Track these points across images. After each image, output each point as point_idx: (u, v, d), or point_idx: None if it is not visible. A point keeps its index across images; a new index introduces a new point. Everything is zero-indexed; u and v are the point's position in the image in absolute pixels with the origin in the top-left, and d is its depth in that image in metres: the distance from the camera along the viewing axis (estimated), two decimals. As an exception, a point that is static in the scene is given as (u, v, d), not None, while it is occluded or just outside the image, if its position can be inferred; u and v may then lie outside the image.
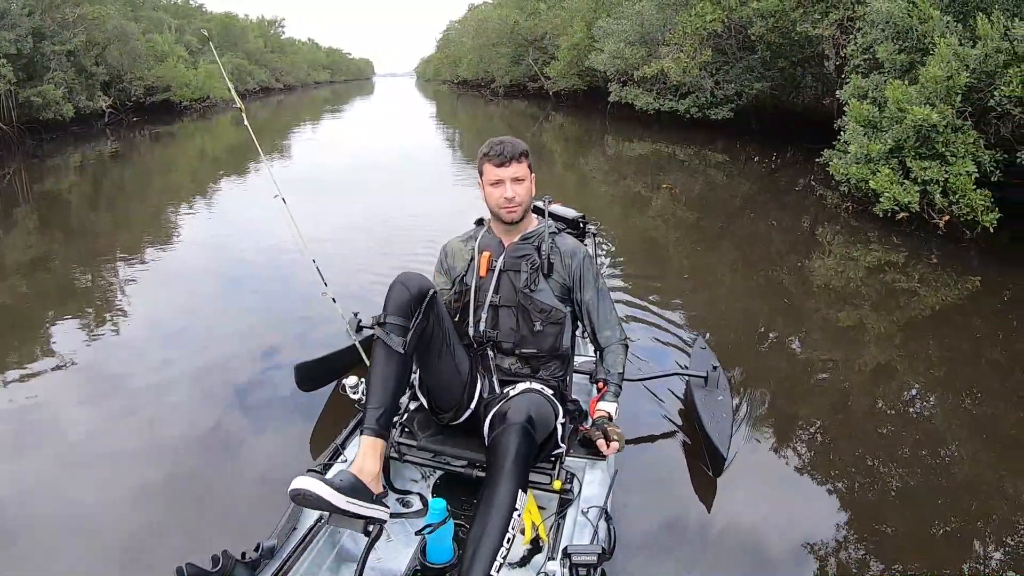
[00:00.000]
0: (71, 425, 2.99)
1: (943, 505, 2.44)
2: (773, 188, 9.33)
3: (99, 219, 7.90)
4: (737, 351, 3.76)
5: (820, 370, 3.68)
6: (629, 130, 15.76)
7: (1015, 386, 3.47)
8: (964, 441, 2.93)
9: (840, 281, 5.09)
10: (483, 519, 1.63)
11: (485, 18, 28.80)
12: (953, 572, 2.09)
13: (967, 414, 3.23)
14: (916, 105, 5.64)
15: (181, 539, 2.21)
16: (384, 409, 1.69)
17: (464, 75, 36.66)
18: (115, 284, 5.03)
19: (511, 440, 1.71)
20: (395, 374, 1.74)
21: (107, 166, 12.18)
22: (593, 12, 19.12)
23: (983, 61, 5.76)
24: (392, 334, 1.74)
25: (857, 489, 2.52)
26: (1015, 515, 2.39)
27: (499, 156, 1.96)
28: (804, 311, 4.62)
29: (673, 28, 13.28)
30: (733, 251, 6.18)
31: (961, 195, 5.35)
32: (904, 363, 3.81)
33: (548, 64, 23.01)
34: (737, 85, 13.03)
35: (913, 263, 5.39)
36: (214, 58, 26.15)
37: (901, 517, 2.36)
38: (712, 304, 4.73)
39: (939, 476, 2.66)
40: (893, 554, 2.16)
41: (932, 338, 4.17)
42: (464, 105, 31.42)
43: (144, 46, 19.36)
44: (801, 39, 10.87)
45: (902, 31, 6.82)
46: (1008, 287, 4.99)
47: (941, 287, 4.92)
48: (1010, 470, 2.70)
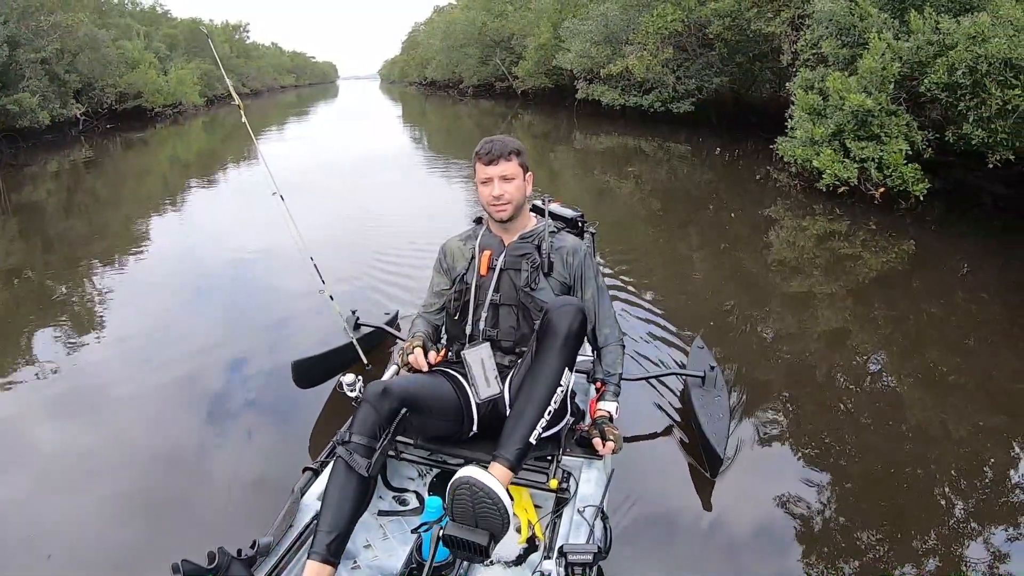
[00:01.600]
0: (72, 426, 3.05)
1: (944, 503, 2.45)
2: (733, 176, 9.97)
3: (88, 223, 7.87)
4: (721, 335, 3.96)
5: (795, 347, 3.82)
6: (596, 125, 16.39)
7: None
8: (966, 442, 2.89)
9: (793, 252, 5.75)
10: (528, 391, 1.73)
11: (453, 20, 29.28)
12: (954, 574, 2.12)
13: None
14: (854, 93, 6.39)
15: (181, 539, 2.22)
16: (337, 534, 1.60)
17: (433, 76, 37.00)
18: (113, 287, 5.05)
19: (566, 318, 1.76)
20: (353, 495, 1.65)
21: (81, 173, 12.19)
22: (558, 13, 19.80)
23: (915, 53, 6.49)
24: (355, 454, 1.66)
25: (857, 489, 2.52)
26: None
27: (488, 154, 1.97)
28: (764, 284, 5.14)
29: (636, 28, 13.99)
30: (697, 236, 6.69)
31: (894, 169, 6.14)
32: (880, 340, 3.97)
33: (516, 64, 23.64)
34: (697, 80, 13.72)
35: (854, 230, 6.12)
36: (183, 64, 26.24)
37: (901, 516, 2.37)
38: (686, 285, 5.11)
39: (939, 476, 2.63)
40: (893, 554, 2.18)
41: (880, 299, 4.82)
42: (433, 106, 31.42)
43: (115, 53, 19.40)
44: (756, 36, 11.57)
45: (844, 28, 7.54)
46: (941, 249, 5.73)
47: (879, 248, 5.63)
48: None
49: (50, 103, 15.83)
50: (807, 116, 7.09)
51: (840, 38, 7.59)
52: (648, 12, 13.45)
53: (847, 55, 7.40)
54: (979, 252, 5.69)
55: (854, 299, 4.64)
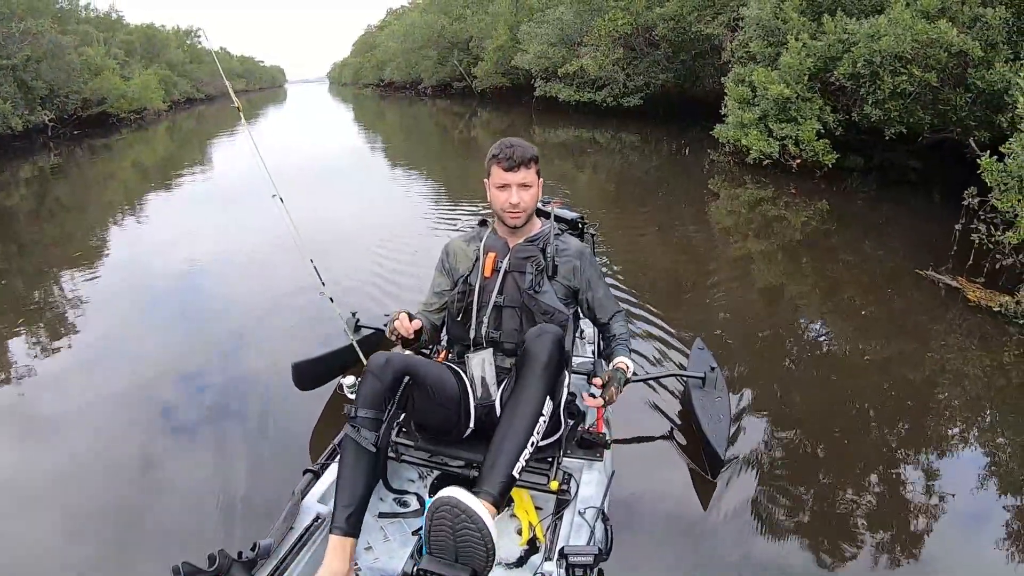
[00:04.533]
0: (68, 408, 3.20)
1: (941, 504, 2.46)
2: (679, 162, 11.05)
3: (89, 227, 7.69)
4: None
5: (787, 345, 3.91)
6: (553, 120, 17.36)
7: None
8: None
9: (731, 218, 7.01)
10: (509, 420, 1.71)
11: (413, 23, 30.10)
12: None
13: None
14: (775, 85, 7.76)
15: (181, 539, 2.24)
16: (354, 508, 1.65)
17: (392, 77, 37.35)
18: (111, 290, 5.08)
19: (544, 345, 1.76)
20: (365, 470, 1.69)
21: (49, 179, 11.90)
22: (514, 16, 21.06)
23: (827, 50, 7.82)
24: (363, 429, 1.70)
25: (857, 489, 2.52)
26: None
27: (508, 160, 1.94)
28: (706, 247, 6.23)
29: (590, 31, 15.30)
30: (648, 209, 7.64)
31: (807, 144, 7.60)
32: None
33: (474, 64, 24.72)
34: (645, 77, 15.01)
35: (778, 194, 7.54)
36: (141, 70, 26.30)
37: (901, 516, 2.38)
38: (638, 254, 5.68)
39: (941, 477, 2.62)
40: (892, 554, 2.20)
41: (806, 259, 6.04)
42: (391, 107, 31.51)
43: (78, 60, 19.59)
44: (697, 37, 12.89)
45: (770, 30, 8.87)
46: (850, 209, 7.11)
47: (800, 210, 6.96)
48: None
49: (19, 109, 16.04)
50: (738, 105, 8.53)
51: (766, 39, 8.90)
52: (600, 16, 14.79)
53: (772, 53, 8.71)
54: (893, 212, 6.90)
55: (785, 255, 5.68)
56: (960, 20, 6.72)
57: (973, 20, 6.71)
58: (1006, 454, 2.79)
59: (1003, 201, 4.20)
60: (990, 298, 4.10)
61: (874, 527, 2.31)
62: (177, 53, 34.85)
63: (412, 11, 34.53)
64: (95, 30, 24.51)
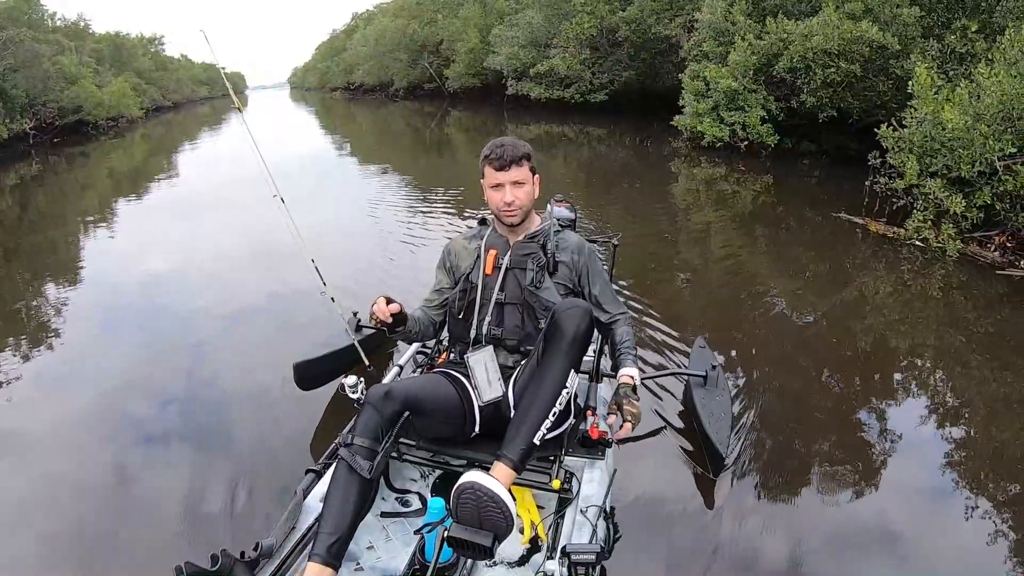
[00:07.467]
0: (69, 408, 3.23)
1: (941, 504, 2.47)
2: (642, 151, 12.03)
3: (91, 231, 7.66)
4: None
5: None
6: (524, 117, 18.25)
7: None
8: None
9: (690, 195, 8.10)
10: (534, 392, 1.73)
11: (384, 27, 30.65)
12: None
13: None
14: (725, 79, 9.02)
15: (182, 540, 2.24)
16: (339, 537, 1.59)
17: (362, 80, 37.42)
18: (111, 291, 5.17)
19: (574, 318, 1.74)
20: (356, 498, 1.64)
21: (29, 187, 11.90)
22: (484, 19, 22.18)
23: (769, 48, 8.99)
24: (358, 456, 1.66)
25: (857, 489, 2.52)
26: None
27: (499, 160, 1.93)
28: (667, 216, 7.26)
29: (559, 34, 16.44)
30: (614, 190, 8.58)
31: (753, 128, 8.94)
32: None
33: (446, 67, 25.61)
34: (610, 75, 16.15)
35: (730, 172, 8.76)
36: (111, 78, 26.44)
37: (900, 516, 2.38)
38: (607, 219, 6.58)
39: (940, 477, 2.62)
40: (892, 553, 2.20)
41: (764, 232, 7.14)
42: (361, 109, 31.30)
43: (54, 69, 19.80)
44: (657, 37, 14.04)
45: (721, 31, 10.01)
46: (791, 181, 8.34)
47: (749, 184, 8.14)
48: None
49: (2, 118, 16.39)
50: (694, 97, 9.82)
51: (717, 40, 10.07)
52: (568, 20, 15.97)
53: (722, 52, 9.87)
54: (833, 183, 7.99)
55: (739, 226, 6.86)
56: (882, 18, 7.96)
57: (893, 18, 7.95)
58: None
59: (896, 159, 5.60)
60: (887, 230, 5.61)
61: (880, 524, 2.31)
62: (144, 61, 34.99)
63: (382, 16, 34.97)
64: (65, 39, 24.65)
